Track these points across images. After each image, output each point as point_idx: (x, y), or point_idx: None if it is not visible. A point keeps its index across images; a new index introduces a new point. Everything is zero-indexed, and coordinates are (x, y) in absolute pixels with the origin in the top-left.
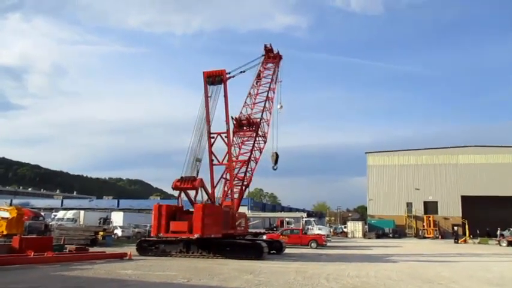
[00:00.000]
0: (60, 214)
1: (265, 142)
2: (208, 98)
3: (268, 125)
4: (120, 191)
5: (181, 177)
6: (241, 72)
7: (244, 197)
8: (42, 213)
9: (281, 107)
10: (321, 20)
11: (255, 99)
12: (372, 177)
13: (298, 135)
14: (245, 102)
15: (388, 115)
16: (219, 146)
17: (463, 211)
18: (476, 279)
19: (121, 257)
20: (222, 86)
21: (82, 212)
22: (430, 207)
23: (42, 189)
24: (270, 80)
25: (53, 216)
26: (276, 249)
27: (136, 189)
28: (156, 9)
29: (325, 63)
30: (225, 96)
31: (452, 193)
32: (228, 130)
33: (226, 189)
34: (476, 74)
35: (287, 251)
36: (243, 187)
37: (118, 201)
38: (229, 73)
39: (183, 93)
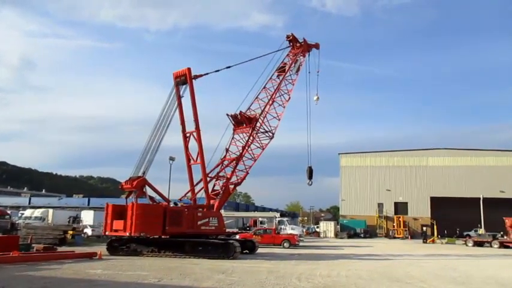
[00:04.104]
0: (28, 212)
1: (271, 138)
2: (181, 98)
3: (278, 120)
4: (90, 189)
5: (130, 178)
6: (227, 67)
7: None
8: (9, 212)
9: (318, 98)
10: (297, 19)
11: (275, 93)
12: (345, 178)
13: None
14: (256, 97)
15: (361, 117)
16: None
17: (432, 212)
18: (443, 278)
19: (90, 256)
20: (196, 82)
21: (51, 210)
22: (401, 207)
23: (9, 187)
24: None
25: (20, 215)
26: (248, 248)
27: (107, 188)
28: (130, 3)
29: None
30: (192, 94)
31: (422, 194)
32: (196, 128)
33: (216, 186)
34: (449, 78)
35: (260, 250)
36: (230, 185)
37: (88, 200)
38: (217, 70)
39: (157, 90)
